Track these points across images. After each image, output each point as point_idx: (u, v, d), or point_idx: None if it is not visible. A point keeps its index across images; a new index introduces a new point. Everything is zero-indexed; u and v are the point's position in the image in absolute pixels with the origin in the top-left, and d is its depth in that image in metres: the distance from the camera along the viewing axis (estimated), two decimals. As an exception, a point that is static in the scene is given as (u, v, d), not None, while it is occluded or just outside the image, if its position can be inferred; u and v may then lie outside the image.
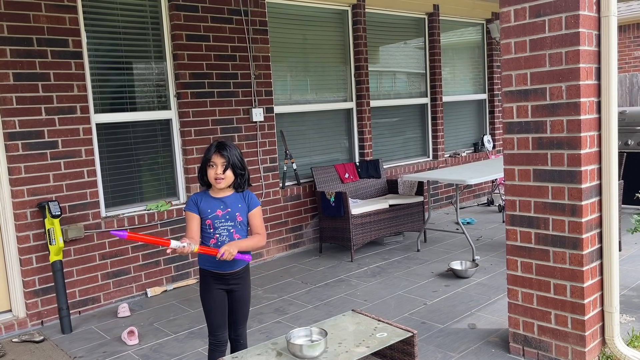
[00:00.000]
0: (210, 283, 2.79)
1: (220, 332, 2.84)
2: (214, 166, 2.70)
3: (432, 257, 5.39)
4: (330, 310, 4.13)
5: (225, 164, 2.69)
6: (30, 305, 4.18)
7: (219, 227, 2.72)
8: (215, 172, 2.69)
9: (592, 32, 2.86)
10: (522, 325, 3.24)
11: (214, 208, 2.72)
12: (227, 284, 2.80)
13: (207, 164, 2.71)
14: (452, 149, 8.00)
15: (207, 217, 2.72)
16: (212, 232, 2.72)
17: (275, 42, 5.74)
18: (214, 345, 2.86)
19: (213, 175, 2.70)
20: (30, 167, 4.13)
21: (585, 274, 2.93)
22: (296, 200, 5.87)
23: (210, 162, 2.70)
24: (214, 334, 2.84)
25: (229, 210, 2.73)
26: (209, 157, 2.71)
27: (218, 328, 2.83)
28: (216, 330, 2.83)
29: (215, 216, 2.72)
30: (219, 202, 2.74)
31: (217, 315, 2.81)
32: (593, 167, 2.93)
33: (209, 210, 2.72)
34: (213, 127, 5.15)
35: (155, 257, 4.83)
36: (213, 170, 2.70)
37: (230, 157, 2.70)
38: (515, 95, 3.08)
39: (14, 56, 4.02)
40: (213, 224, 2.72)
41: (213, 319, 2.82)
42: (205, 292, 2.81)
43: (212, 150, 2.71)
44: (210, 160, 2.70)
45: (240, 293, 2.85)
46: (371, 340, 2.51)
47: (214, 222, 2.72)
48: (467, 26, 8.13)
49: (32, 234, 4.15)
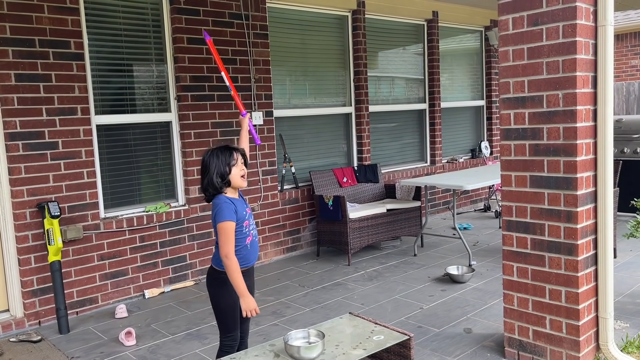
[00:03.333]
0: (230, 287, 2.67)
1: (235, 332, 2.80)
2: (239, 165, 2.69)
3: (428, 262, 5.42)
4: (327, 314, 4.15)
5: (244, 161, 2.73)
6: (28, 305, 4.19)
7: (252, 224, 2.76)
8: (242, 169, 2.70)
9: (589, 41, 2.90)
10: (517, 330, 3.26)
11: (243, 207, 2.73)
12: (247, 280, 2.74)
13: (233, 163, 2.67)
14: (449, 154, 8.05)
15: (244, 218, 2.69)
16: (248, 230, 2.72)
17: (276, 47, 5.78)
18: (229, 346, 2.80)
19: (240, 173, 2.69)
20: (31, 168, 4.15)
21: (580, 279, 2.96)
22: (294, 203, 5.90)
23: (235, 162, 2.67)
24: (230, 335, 2.79)
25: (245, 205, 2.77)
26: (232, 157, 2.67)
27: (234, 328, 2.79)
28: (232, 330, 2.79)
29: (250, 215, 2.75)
30: (241, 202, 2.74)
31: (235, 317, 2.77)
32: (589, 174, 2.97)
33: (244, 213, 2.71)
34: (213, 129, 5.18)
35: (154, 258, 4.85)
36: (239, 168, 2.69)
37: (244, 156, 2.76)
38: (512, 102, 3.12)
39: (16, 57, 4.04)
40: (250, 223, 2.74)
41: (231, 321, 2.77)
42: (226, 297, 2.72)
43: (232, 150, 2.70)
44: (233, 158, 2.67)
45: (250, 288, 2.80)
46: (368, 343, 2.53)
47: (250, 221, 2.74)
48: (466, 33, 8.19)
49: (31, 234, 4.17)
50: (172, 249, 4.96)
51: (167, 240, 4.92)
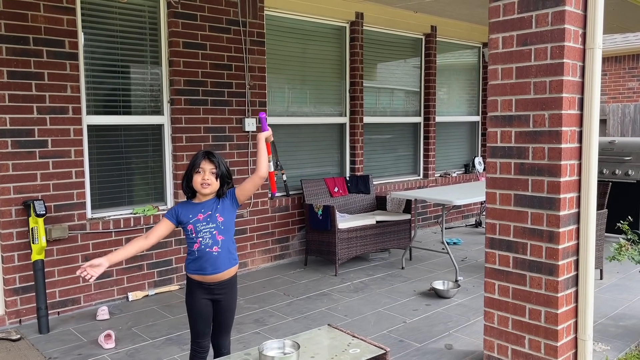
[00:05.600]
0: (195, 291, 2.79)
1: (202, 339, 2.85)
2: (201, 172, 2.71)
3: (416, 276, 5.41)
4: (309, 324, 4.14)
5: (214, 170, 2.72)
6: (9, 303, 4.17)
7: (202, 231, 2.73)
8: (202, 178, 2.70)
9: (576, 63, 2.92)
10: (496, 348, 3.25)
11: (195, 213, 2.74)
12: (212, 294, 2.80)
13: (195, 170, 2.72)
14: (442, 168, 8.06)
15: (188, 222, 2.73)
16: (195, 236, 2.73)
17: (272, 54, 5.80)
18: (195, 352, 2.86)
19: (199, 181, 2.71)
20: (18, 165, 4.14)
21: (560, 300, 2.95)
22: (284, 211, 5.90)
23: (198, 169, 2.71)
24: (197, 341, 2.84)
25: (210, 212, 2.74)
26: (198, 163, 2.71)
27: (201, 335, 2.84)
28: (199, 337, 2.84)
29: (197, 220, 2.73)
30: (199, 207, 2.76)
31: (200, 324, 2.82)
32: (572, 195, 2.98)
33: (190, 216, 2.73)
34: (205, 134, 5.19)
35: (139, 261, 4.83)
36: (200, 176, 2.71)
37: (220, 164, 2.74)
38: (500, 121, 3.13)
39: (9, 54, 4.04)
40: (195, 229, 2.73)
41: (196, 326, 2.82)
42: (191, 300, 2.81)
43: (201, 157, 2.73)
44: (200, 166, 2.71)
45: (225, 303, 2.84)
46: (343, 356, 2.52)
47: (195, 227, 2.73)
48: (463, 48, 8.23)
49: (16, 231, 4.15)
50: (157, 252, 4.95)
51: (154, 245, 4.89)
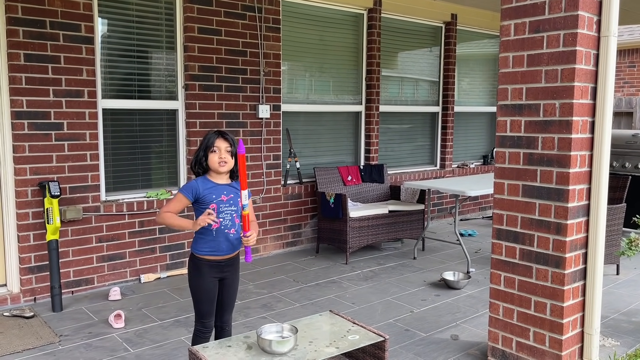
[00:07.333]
0: (204, 271, 2.80)
1: (208, 319, 2.86)
2: (217, 151, 2.73)
3: (427, 266, 5.38)
4: (316, 310, 4.15)
5: (229, 148, 2.75)
6: (24, 282, 4.28)
7: (224, 212, 2.76)
8: (219, 156, 2.73)
9: (590, 51, 2.84)
10: (501, 340, 3.22)
11: (219, 193, 2.76)
12: (221, 272, 2.82)
13: (210, 149, 2.73)
14: (460, 159, 7.96)
15: (211, 201, 2.74)
16: (217, 216, 2.74)
17: (287, 41, 5.78)
18: (200, 332, 2.87)
19: (216, 160, 2.73)
20: (34, 147, 4.22)
21: (565, 293, 2.90)
22: (297, 199, 5.90)
23: (213, 148, 2.73)
24: (202, 321, 2.85)
25: (232, 196, 2.77)
26: (212, 143, 2.74)
27: (207, 315, 2.85)
28: (205, 317, 2.85)
29: (221, 201, 2.75)
30: (222, 188, 2.78)
31: (207, 303, 2.83)
32: (582, 186, 2.91)
33: (214, 196, 2.74)
34: (219, 120, 5.21)
35: (152, 244, 4.90)
36: (216, 155, 2.73)
37: (234, 142, 2.77)
38: (509, 109, 3.07)
39: (26, 37, 4.11)
40: (218, 209, 2.74)
41: (203, 306, 2.83)
42: (199, 280, 2.81)
43: (215, 136, 2.76)
44: (214, 145, 2.73)
45: (231, 280, 2.87)
46: (342, 342, 2.53)
47: (219, 207, 2.75)
48: (485, 37, 8.08)
49: (32, 212, 4.24)
50: (170, 236, 5.01)
51: (166, 227, 4.96)
